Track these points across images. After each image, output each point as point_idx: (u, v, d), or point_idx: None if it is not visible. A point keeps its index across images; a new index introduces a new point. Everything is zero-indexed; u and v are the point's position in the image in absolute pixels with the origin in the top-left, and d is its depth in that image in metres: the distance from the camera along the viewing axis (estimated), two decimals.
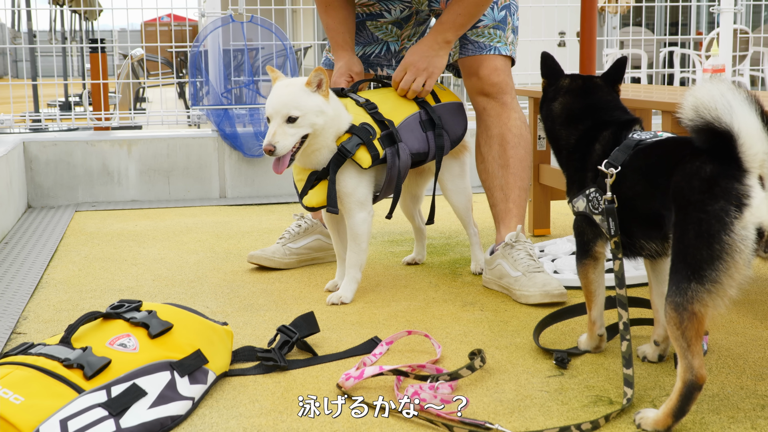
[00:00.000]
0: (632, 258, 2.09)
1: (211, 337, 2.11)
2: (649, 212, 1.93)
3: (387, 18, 3.12)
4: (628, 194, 1.98)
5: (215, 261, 3.38)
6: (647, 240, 1.99)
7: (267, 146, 2.56)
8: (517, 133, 3.01)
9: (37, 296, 2.91)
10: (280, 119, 2.58)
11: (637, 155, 1.98)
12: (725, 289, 1.69)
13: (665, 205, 1.84)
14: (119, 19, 8.88)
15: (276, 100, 2.59)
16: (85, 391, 1.77)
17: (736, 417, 1.86)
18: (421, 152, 2.85)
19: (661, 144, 1.97)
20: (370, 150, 2.68)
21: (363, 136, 2.68)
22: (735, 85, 1.74)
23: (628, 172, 1.98)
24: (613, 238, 2.01)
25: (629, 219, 2.00)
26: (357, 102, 2.77)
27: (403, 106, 2.86)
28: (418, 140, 2.83)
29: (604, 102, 2.18)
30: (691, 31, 9.37)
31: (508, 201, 3.00)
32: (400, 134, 2.77)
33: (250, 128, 4.97)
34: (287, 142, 2.57)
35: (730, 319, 2.52)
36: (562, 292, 2.70)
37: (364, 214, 2.75)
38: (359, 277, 2.80)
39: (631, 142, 2.00)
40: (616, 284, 2.01)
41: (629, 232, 2.02)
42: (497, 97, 3.01)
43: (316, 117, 2.60)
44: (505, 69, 3.02)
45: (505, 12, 3.01)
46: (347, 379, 2.02)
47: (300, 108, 2.58)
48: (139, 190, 4.86)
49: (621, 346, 1.96)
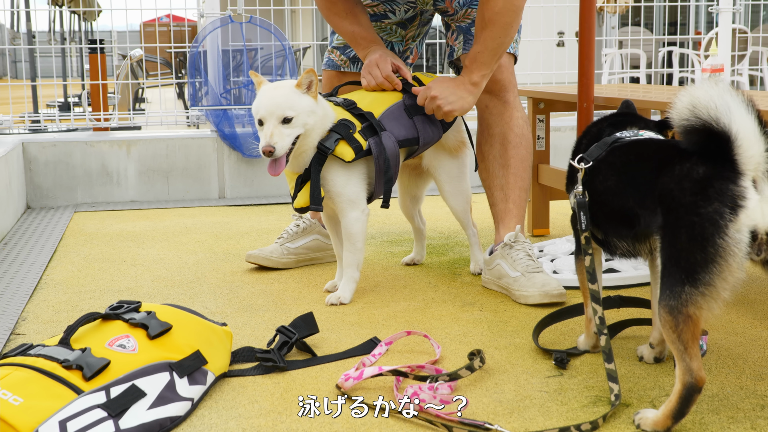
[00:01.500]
0: (614, 257, 2.10)
1: (210, 338, 2.11)
2: (621, 209, 1.93)
3: (392, 19, 3.10)
4: (599, 188, 1.99)
5: (214, 261, 3.38)
6: (618, 238, 2.00)
7: (267, 147, 2.55)
8: (518, 133, 3.00)
9: (36, 297, 2.91)
10: (275, 120, 2.58)
11: (614, 152, 1.99)
12: (719, 291, 1.69)
13: (643, 204, 1.84)
14: (118, 20, 8.87)
15: (269, 102, 2.59)
16: (84, 392, 1.77)
17: (735, 417, 1.86)
18: (410, 138, 2.81)
19: (641, 143, 1.98)
20: (350, 143, 2.67)
21: (342, 131, 2.68)
22: (732, 86, 1.75)
23: (602, 167, 1.99)
24: (583, 232, 2.02)
25: (600, 215, 2.01)
26: (335, 103, 2.77)
27: (385, 98, 2.84)
28: (404, 126, 2.80)
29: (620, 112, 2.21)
30: (690, 30, 9.38)
31: (508, 201, 2.99)
32: (383, 123, 2.76)
33: (249, 129, 4.97)
34: (284, 142, 2.57)
35: (730, 319, 2.52)
36: (561, 292, 2.70)
37: (356, 213, 2.75)
38: (357, 277, 2.80)
39: (610, 138, 2.03)
40: (588, 279, 2.04)
41: (604, 229, 2.03)
42: (500, 94, 3.00)
43: (307, 117, 2.61)
44: (508, 66, 3.01)
45: None
46: (346, 379, 2.02)
47: (294, 108, 2.59)
48: (138, 190, 4.86)
49: (600, 341, 1.99)
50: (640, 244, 1.96)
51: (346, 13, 2.99)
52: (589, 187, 2.03)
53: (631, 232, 1.94)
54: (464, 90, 2.81)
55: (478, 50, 2.79)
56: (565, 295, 2.72)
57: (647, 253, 1.99)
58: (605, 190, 1.99)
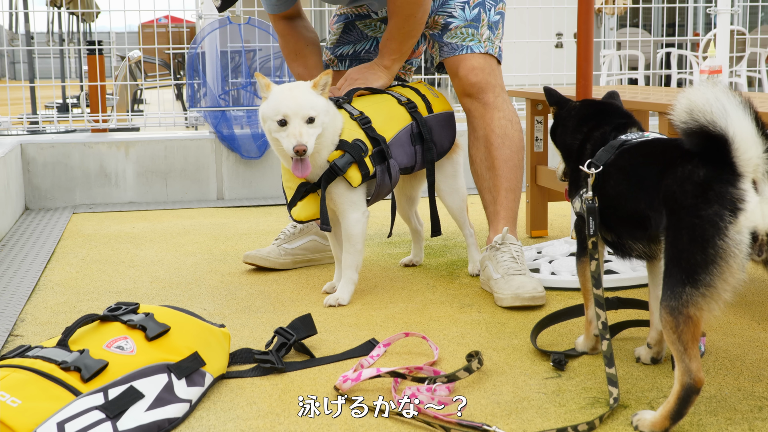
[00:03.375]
0: (626, 259, 2.10)
1: (209, 340, 2.11)
2: (634, 212, 1.94)
3: (375, 17, 3.17)
4: (612, 193, 2.00)
5: (213, 263, 3.38)
6: (633, 240, 2.01)
7: (300, 146, 2.54)
8: (500, 133, 3.00)
9: (35, 298, 2.91)
10: (300, 119, 2.58)
11: (622, 155, 1.99)
12: (720, 293, 1.70)
13: (652, 206, 1.85)
14: (117, 21, 8.88)
15: (292, 102, 2.59)
16: (82, 393, 1.77)
17: (733, 419, 1.87)
18: (408, 167, 2.91)
19: (647, 144, 1.99)
20: (361, 168, 2.71)
21: (355, 154, 2.70)
22: (729, 88, 1.75)
23: (613, 171, 1.99)
24: (591, 237, 2.02)
25: (614, 218, 2.02)
26: (351, 115, 2.78)
27: (396, 119, 2.86)
28: (407, 155, 2.87)
29: (608, 108, 2.21)
30: (688, 32, 9.39)
31: (496, 203, 3.01)
32: (391, 150, 2.80)
33: (248, 130, 4.97)
34: (312, 141, 2.59)
35: (728, 321, 2.53)
36: (534, 295, 2.69)
37: (357, 214, 2.75)
38: (356, 279, 2.80)
39: (617, 142, 2.03)
40: (593, 284, 2.04)
41: (618, 232, 2.03)
42: (478, 96, 3.01)
43: (325, 116, 2.64)
44: (484, 68, 3.00)
45: (478, 9, 3.00)
46: (344, 381, 2.02)
47: (315, 108, 2.61)
48: (137, 191, 4.86)
49: (602, 345, 1.99)
50: (655, 245, 1.97)
51: (295, 53, 3.12)
52: (599, 192, 2.03)
53: (646, 234, 1.94)
54: (377, 70, 2.97)
55: (387, 38, 2.96)
56: (542, 298, 2.71)
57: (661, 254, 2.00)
58: (618, 195, 1.98)
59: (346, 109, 2.79)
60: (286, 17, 3.11)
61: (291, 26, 3.13)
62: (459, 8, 2.99)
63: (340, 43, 3.22)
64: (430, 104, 2.96)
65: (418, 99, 2.95)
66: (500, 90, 3.03)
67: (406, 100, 2.92)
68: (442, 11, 3.00)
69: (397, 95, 2.93)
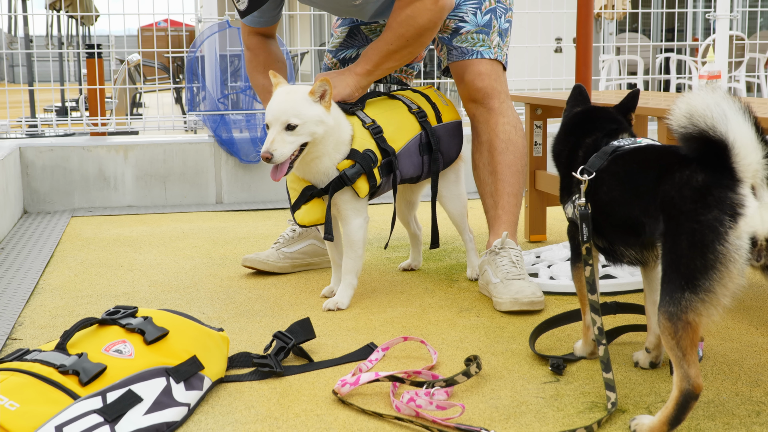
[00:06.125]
0: (617, 265, 2.11)
1: (207, 343, 2.11)
2: (627, 218, 1.94)
3: (380, 23, 3.17)
4: (604, 200, 2.00)
5: (211, 267, 3.38)
6: (626, 246, 2.01)
7: (265, 153, 2.55)
8: (504, 138, 3.01)
9: (33, 302, 2.90)
10: (279, 126, 2.58)
11: (615, 161, 2.00)
12: (719, 298, 1.69)
13: (647, 212, 1.85)
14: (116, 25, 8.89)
15: (276, 107, 2.59)
16: (80, 397, 1.77)
17: (731, 423, 1.87)
18: (414, 177, 2.91)
19: (641, 150, 1.99)
20: (369, 180, 2.72)
21: (365, 165, 2.70)
22: (729, 93, 1.75)
23: (606, 178, 2.00)
24: (584, 244, 2.02)
25: (607, 225, 2.02)
26: (363, 123, 2.78)
27: (406, 128, 2.87)
28: (414, 165, 2.88)
29: (598, 113, 2.22)
30: (688, 37, 9.40)
31: (497, 208, 3.01)
32: (400, 161, 2.81)
33: (247, 134, 4.97)
34: (285, 149, 2.57)
35: (726, 326, 2.53)
36: (533, 300, 2.70)
37: (360, 220, 2.76)
38: (355, 283, 2.81)
39: (609, 148, 2.03)
40: (588, 290, 2.04)
41: (609, 238, 2.04)
42: (484, 102, 3.01)
43: (315, 126, 2.60)
44: (491, 73, 3.01)
45: (490, 16, 3.01)
46: (343, 385, 2.02)
47: (300, 116, 2.58)
48: (136, 195, 4.86)
49: (598, 350, 1.99)
50: (647, 251, 1.98)
51: (264, 66, 3.09)
52: (592, 198, 2.03)
53: (639, 240, 1.94)
54: (347, 77, 2.87)
55: (371, 46, 2.89)
56: (541, 303, 2.71)
57: (655, 260, 2.00)
58: (611, 201, 1.99)
59: (358, 116, 2.79)
60: (261, 33, 3.11)
61: (264, 43, 3.12)
62: (471, 13, 2.99)
63: (343, 47, 3.22)
64: (439, 113, 2.97)
65: (428, 107, 2.95)
66: (505, 96, 3.04)
67: (417, 108, 2.92)
68: (454, 15, 3.00)
69: (409, 102, 2.93)
